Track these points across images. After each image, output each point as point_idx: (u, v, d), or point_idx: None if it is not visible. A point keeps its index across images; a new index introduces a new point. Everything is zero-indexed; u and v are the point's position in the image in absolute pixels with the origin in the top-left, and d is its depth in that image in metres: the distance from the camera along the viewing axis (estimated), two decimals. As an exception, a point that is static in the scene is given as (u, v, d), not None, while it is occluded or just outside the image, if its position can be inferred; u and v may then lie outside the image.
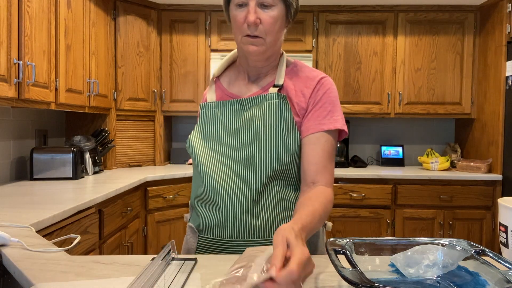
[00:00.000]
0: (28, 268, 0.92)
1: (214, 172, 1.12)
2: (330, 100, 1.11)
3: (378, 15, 3.46)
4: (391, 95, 3.47)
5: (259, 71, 1.17)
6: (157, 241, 3.02)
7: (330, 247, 0.82)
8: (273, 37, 1.08)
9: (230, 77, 1.23)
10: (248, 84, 1.18)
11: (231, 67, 1.26)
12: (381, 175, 3.17)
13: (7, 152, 2.47)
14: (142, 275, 0.78)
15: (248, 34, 1.06)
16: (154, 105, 3.47)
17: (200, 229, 1.17)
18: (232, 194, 1.09)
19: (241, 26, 1.07)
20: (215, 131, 1.16)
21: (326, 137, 1.09)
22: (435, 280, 0.82)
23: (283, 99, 1.10)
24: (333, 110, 1.10)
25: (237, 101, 1.15)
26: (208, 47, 3.49)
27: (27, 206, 1.72)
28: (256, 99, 1.13)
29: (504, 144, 3.10)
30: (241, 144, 1.12)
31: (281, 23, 1.09)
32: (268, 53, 1.12)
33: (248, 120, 1.12)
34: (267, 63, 1.15)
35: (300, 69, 1.18)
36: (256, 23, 1.04)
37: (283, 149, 1.08)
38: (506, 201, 1.02)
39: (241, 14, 1.06)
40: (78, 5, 2.56)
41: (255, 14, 1.04)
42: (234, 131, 1.14)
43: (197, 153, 1.16)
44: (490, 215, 3.16)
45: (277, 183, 1.11)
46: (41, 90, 2.12)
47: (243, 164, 1.10)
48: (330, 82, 1.14)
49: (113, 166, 3.23)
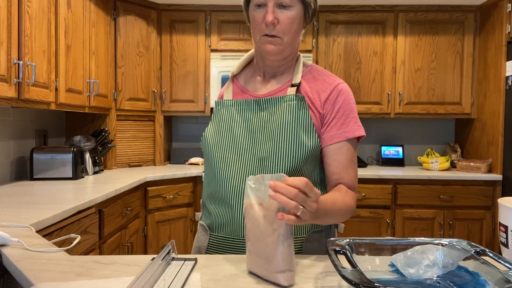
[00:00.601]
0: (28, 268, 0.92)
1: (228, 171, 1.12)
2: (350, 107, 1.13)
3: (378, 15, 3.46)
4: (391, 95, 3.47)
5: (275, 70, 1.18)
6: (157, 241, 3.02)
7: (330, 247, 0.82)
8: (290, 37, 1.10)
9: (246, 75, 1.25)
10: (264, 81, 1.20)
11: (248, 66, 1.27)
12: (381, 175, 3.17)
13: (7, 152, 2.47)
14: (142, 275, 0.78)
15: (266, 34, 1.08)
16: (154, 105, 3.47)
17: (212, 228, 1.17)
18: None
19: (260, 25, 1.09)
20: (230, 129, 1.17)
21: (348, 146, 1.12)
22: (435, 280, 0.82)
23: (301, 100, 1.11)
24: (355, 118, 1.14)
25: (255, 100, 1.16)
26: (208, 47, 3.49)
27: (27, 206, 1.72)
28: (274, 100, 1.14)
29: (504, 144, 3.10)
30: (256, 143, 1.12)
31: (299, 24, 1.11)
32: (286, 53, 1.13)
33: (265, 120, 1.13)
34: (284, 62, 1.17)
35: (317, 72, 1.19)
36: (274, 23, 1.06)
37: (299, 150, 1.09)
38: (506, 201, 1.02)
39: (260, 14, 1.08)
40: (78, 5, 2.56)
41: (273, 14, 1.06)
42: (249, 131, 1.14)
43: (211, 150, 1.17)
44: (490, 215, 3.16)
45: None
46: (41, 90, 2.12)
47: (257, 164, 1.10)
48: (348, 89, 1.16)
49: (113, 166, 3.23)
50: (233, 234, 1.11)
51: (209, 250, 1.17)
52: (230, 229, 1.12)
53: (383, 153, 3.74)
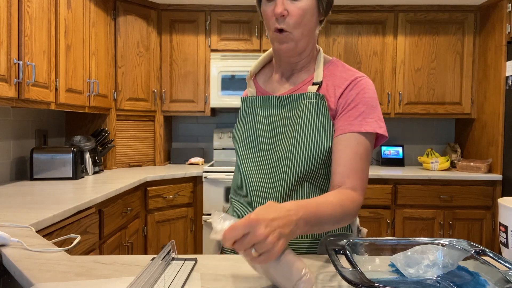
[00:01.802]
0: (28, 268, 0.92)
1: (250, 168, 1.13)
2: (364, 100, 1.05)
3: (378, 15, 3.46)
4: (391, 95, 3.47)
5: (292, 67, 1.15)
6: (157, 241, 3.02)
7: (330, 247, 0.82)
8: (301, 30, 1.04)
9: (266, 75, 1.22)
10: (281, 81, 1.17)
11: (267, 65, 1.24)
12: (381, 175, 3.17)
13: (7, 152, 2.47)
14: (142, 275, 0.78)
15: (276, 29, 1.04)
16: (154, 105, 3.47)
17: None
18: (263, 192, 1.10)
19: (270, 19, 1.05)
20: (254, 126, 1.16)
21: (359, 140, 1.02)
22: (435, 280, 0.82)
23: (321, 99, 1.07)
24: (368, 112, 1.04)
25: (276, 97, 1.13)
26: (208, 47, 3.49)
27: (27, 206, 1.72)
28: (295, 97, 1.10)
29: (504, 144, 3.10)
30: (276, 141, 1.11)
31: (311, 16, 1.05)
32: (300, 48, 1.08)
33: (286, 118, 1.11)
34: (300, 58, 1.12)
35: (336, 68, 1.13)
36: (283, 14, 1.02)
37: (316, 151, 1.06)
38: (506, 201, 1.02)
39: (270, 7, 1.05)
40: (78, 5, 2.56)
41: (283, 6, 1.02)
42: (271, 128, 1.13)
43: (237, 146, 1.18)
44: (490, 215, 3.16)
45: (308, 185, 1.09)
46: (41, 90, 2.12)
47: (276, 162, 1.09)
48: (367, 82, 1.08)
49: (113, 166, 3.23)
50: None
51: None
52: None
53: (383, 153, 3.74)
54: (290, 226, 0.75)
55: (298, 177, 1.07)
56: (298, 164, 1.06)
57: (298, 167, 1.06)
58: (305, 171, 1.07)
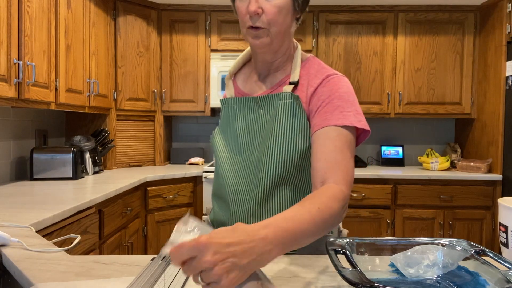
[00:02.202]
0: (28, 268, 0.92)
1: (228, 171, 1.11)
2: (338, 95, 1.00)
3: (378, 15, 3.46)
4: (391, 95, 3.47)
5: (268, 66, 1.11)
6: (157, 241, 3.02)
7: (330, 247, 0.82)
8: (278, 27, 1.00)
9: (245, 75, 1.20)
10: (259, 81, 1.14)
11: (247, 64, 1.21)
12: (381, 175, 3.17)
13: (7, 152, 2.47)
14: (142, 275, 0.78)
15: (251, 26, 1.00)
16: (154, 105, 3.47)
17: (214, 225, 1.19)
18: (240, 196, 1.08)
19: (244, 17, 1.01)
20: (233, 128, 1.14)
21: (337, 131, 0.95)
22: (435, 280, 0.82)
23: (296, 99, 1.04)
24: (344, 105, 0.98)
25: (253, 98, 1.11)
26: (208, 47, 3.49)
27: (27, 206, 1.72)
28: (271, 97, 1.07)
29: (504, 144, 3.10)
30: (254, 144, 1.09)
31: (287, 13, 1.01)
32: (275, 46, 1.05)
33: (263, 120, 1.08)
34: (276, 57, 1.09)
35: (311, 66, 1.09)
36: (257, 12, 0.97)
37: (290, 153, 1.02)
38: (506, 201, 1.02)
39: (244, 4, 1.00)
40: (78, 5, 2.56)
41: (257, 4, 0.97)
42: (249, 130, 1.11)
43: (217, 149, 1.16)
44: (490, 215, 3.16)
45: (287, 188, 1.06)
46: (41, 90, 2.12)
47: (253, 166, 1.07)
48: (340, 79, 1.04)
49: (113, 166, 3.23)
50: None
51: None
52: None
53: (383, 153, 3.74)
54: (251, 256, 0.62)
55: (273, 181, 1.04)
56: (272, 168, 1.03)
57: (273, 170, 1.03)
58: (280, 174, 1.04)
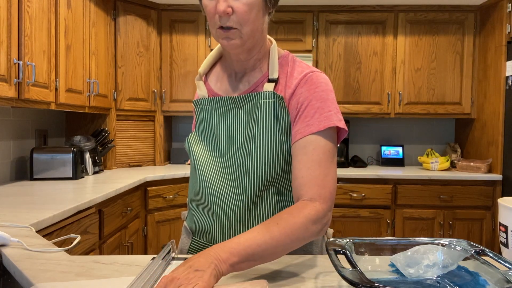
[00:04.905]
0: (28, 268, 0.92)
1: (209, 175, 1.04)
2: (317, 95, 0.96)
3: (378, 15, 3.46)
4: (391, 95, 3.47)
5: (244, 65, 1.05)
6: (157, 241, 3.02)
7: (330, 247, 0.82)
8: (249, 26, 0.94)
9: (218, 75, 1.12)
10: (235, 81, 1.07)
11: (219, 62, 1.14)
12: (381, 175, 3.17)
13: (7, 152, 2.47)
14: (142, 275, 0.78)
15: (221, 26, 0.93)
16: (154, 105, 3.47)
17: (194, 232, 1.13)
18: (225, 201, 1.02)
19: (213, 17, 0.93)
20: (210, 130, 1.07)
21: (315, 143, 0.94)
22: (435, 280, 0.82)
23: (279, 99, 0.99)
24: (322, 106, 0.95)
25: (230, 98, 1.04)
26: (208, 47, 3.49)
27: (27, 206, 1.72)
28: (251, 97, 1.01)
29: (504, 144, 3.10)
30: (236, 146, 1.03)
31: (258, 10, 0.94)
32: (248, 45, 0.99)
33: (243, 120, 1.02)
34: (251, 55, 1.03)
35: (287, 63, 1.04)
36: (227, 12, 0.90)
37: (278, 154, 0.99)
38: (506, 201, 1.02)
39: (212, 3, 0.93)
40: (78, 5, 2.56)
41: (226, 3, 0.90)
42: (229, 132, 1.05)
43: (194, 152, 1.09)
44: (490, 215, 3.16)
45: (274, 192, 1.02)
46: (41, 90, 2.12)
47: (237, 169, 1.02)
48: (318, 77, 0.99)
49: (113, 166, 3.23)
50: (215, 241, 1.05)
51: (190, 254, 1.12)
52: (211, 236, 1.06)
53: (383, 153, 3.74)
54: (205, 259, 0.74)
55: (260, 185, 1.00)
56: (259, 170, 0.99)
57: (260, 172, 0.99)
58: (268, 177, 0.99)
